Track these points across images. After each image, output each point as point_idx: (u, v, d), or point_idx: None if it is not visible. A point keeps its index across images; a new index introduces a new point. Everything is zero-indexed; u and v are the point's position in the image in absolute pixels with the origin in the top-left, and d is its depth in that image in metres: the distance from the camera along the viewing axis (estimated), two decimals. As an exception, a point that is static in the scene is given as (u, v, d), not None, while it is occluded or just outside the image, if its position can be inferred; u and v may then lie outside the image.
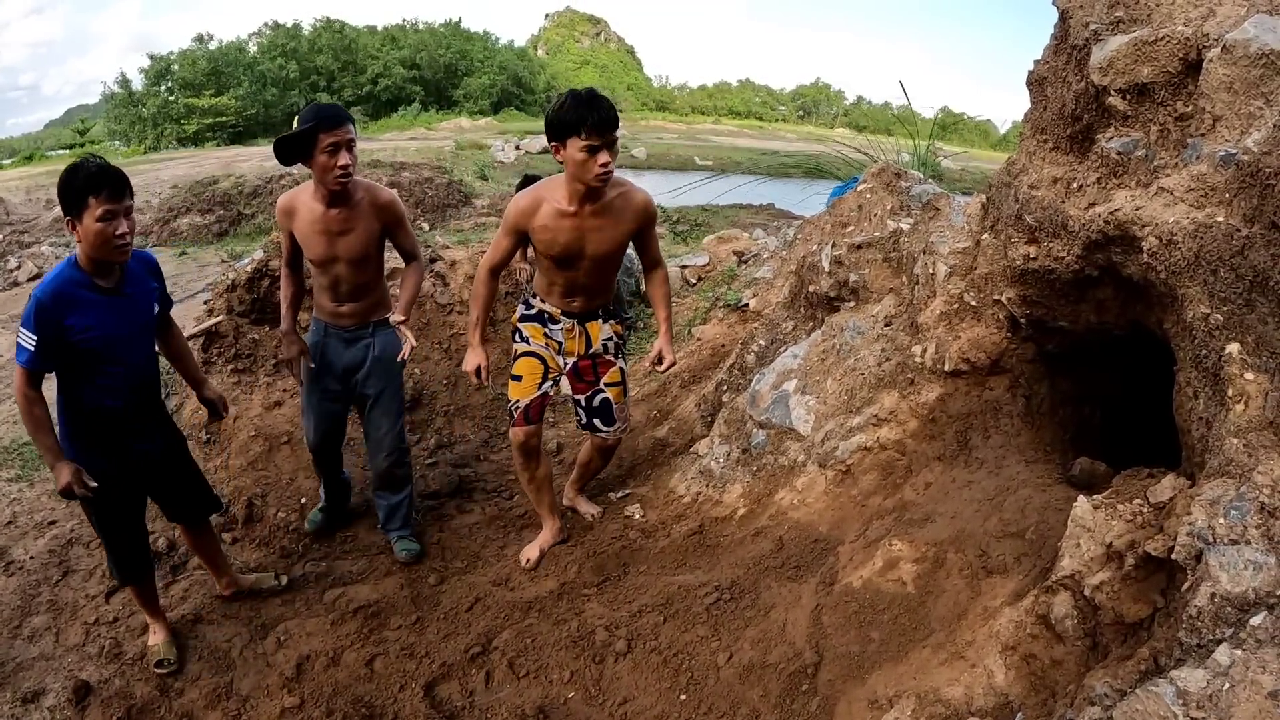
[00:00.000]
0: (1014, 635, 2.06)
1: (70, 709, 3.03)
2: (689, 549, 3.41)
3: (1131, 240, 2.24)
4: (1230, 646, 1.37)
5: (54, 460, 2.75)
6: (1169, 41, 2.23)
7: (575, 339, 3.46)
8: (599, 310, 3.48)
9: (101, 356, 2.79)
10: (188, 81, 40.75)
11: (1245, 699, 1.24)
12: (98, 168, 2.65)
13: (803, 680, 2.56)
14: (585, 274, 3.31)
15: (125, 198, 2.68)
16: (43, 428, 2.74)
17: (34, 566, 3.81)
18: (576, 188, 3.05)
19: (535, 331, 3.48)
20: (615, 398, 3.54)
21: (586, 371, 3.51)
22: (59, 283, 2.69)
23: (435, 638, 3.26)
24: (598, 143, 2.91)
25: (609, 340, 3.51)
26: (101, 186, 2.60)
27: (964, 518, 2.61)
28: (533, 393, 3.44)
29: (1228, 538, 1.61)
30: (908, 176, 3.84)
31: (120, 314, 2.82)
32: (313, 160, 3.14)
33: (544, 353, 3.46)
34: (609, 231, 3.17)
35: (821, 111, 69.78)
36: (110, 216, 2.62)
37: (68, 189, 2.63)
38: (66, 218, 2.69)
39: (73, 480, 2.72)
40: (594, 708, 2.81)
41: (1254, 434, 1.75)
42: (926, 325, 3.11)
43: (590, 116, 2.87)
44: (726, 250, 6.82)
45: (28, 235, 12.14)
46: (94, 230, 2.62)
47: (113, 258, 2.73)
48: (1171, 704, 1.30)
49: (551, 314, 3.45)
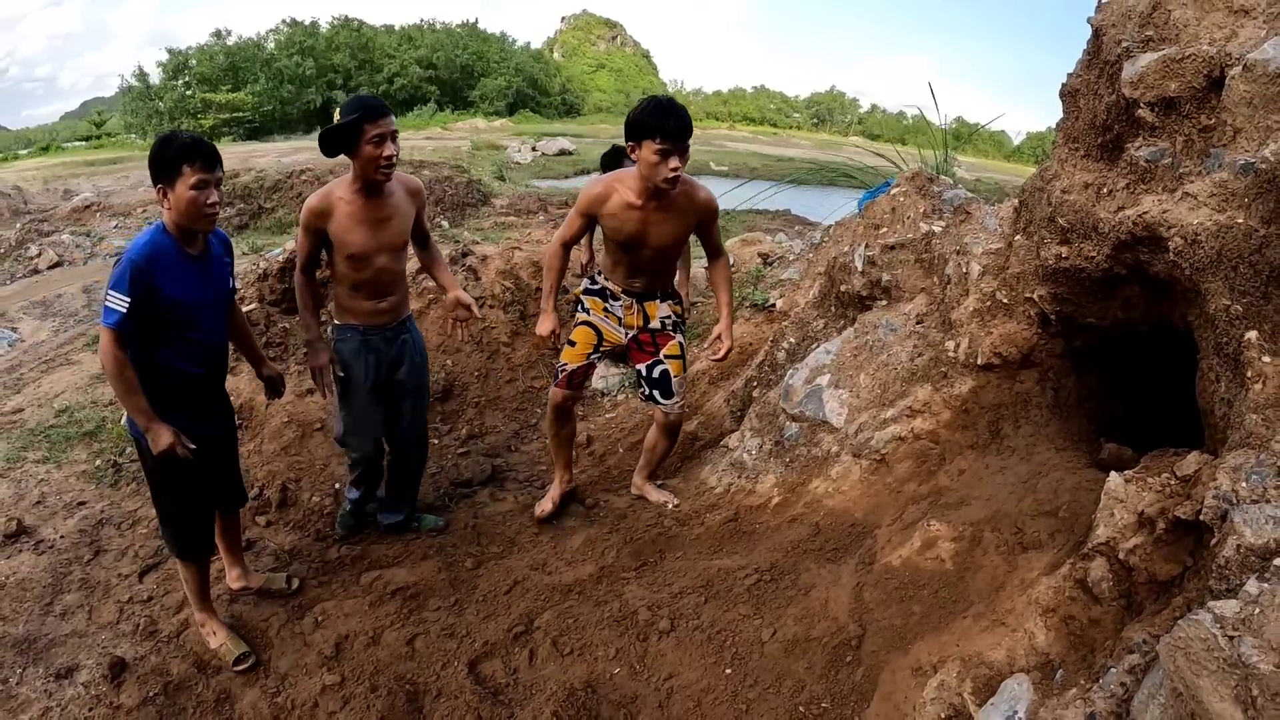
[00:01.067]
0: (1053, 599, 2.37)
1: (105, 685, 3.20)
2: (725, 536, 3.71)
3: (1158, 240, 2.58)
4: (1258, 580, 1.68)
5: (148, 421, 2.93)
6: (1195, 59, 2.56)
7: (634, 315, 3.90)
8: (658, 292, 3.91)
9: (185, 322, 3.00)
10: (205, 76, 41.86)
11: (1274, 619, 1.55)
12: (191, 138, 2.88)
13: (847, 652, 2.85)
14: (647, 260, 3.74)
15: (217, 169, 2.91)
16: (135, 389, 2.89)
17: (64, 546, 4.03)
18: (646, 185, 3.46)
19: (595, 304, 3.94)
20: (675, 370, 3.92)
21: (647, 343, 3.93)
22: (151, 246, 2.88)
23: (475, 618, 3.49)
24: (670, 148, 3.31)
25: (666, 319, 3.93)
26: (195, 156, 2.82)
27: (998, 500, 2.93)
28: (581, 360, 3.92)
29: (1250, 498, 1.93)
30: (940, 181, 4.20)
31: (204, 282, 3.06)
32: (357, 151, 3.34)
33: (601, 324, 3.93)
34: (672, 225, 3.60)
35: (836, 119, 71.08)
36: (202, 185, 2.84)
37: (161, 157, 2.84)
38: (157, 185, 2.88)
39: (175, 440, 2.94)
40: (640, 683, 3.06)
41: (1271, 410, 2.09)
42: (959, 321, 3.45)
43: (667, 123, 3.29)
44: (750, 252, 7.22)
45: (46, 224, 12.46)
46: (186, 198, 2.84)
47: (201, 226, 2.96)
48: (1211, 627, 1.60)
49: (614, 291, 3.90)
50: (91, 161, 22.34)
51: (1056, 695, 2.10)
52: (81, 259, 10.94)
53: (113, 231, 12.27)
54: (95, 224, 12.72)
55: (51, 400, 5.41)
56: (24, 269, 10.61)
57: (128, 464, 4.69)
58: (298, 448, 4.54)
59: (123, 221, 12.89)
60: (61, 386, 5.64)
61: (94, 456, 4.76)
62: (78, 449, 4.82)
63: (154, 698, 3.15)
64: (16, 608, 3.65)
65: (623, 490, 4.34)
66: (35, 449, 4.81)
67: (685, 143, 3.35)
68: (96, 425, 5.03)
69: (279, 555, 3.97)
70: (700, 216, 3.64)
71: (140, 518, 4.26)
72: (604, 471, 4.61)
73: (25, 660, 3.36)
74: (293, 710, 3.13)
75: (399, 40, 51.37)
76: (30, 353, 6.80)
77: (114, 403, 5.21)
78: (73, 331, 7.38)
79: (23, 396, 5.58)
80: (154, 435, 2.94)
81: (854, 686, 2.75)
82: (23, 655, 3.38)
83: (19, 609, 3.64)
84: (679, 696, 2.96)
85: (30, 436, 4.95)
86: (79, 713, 3.10)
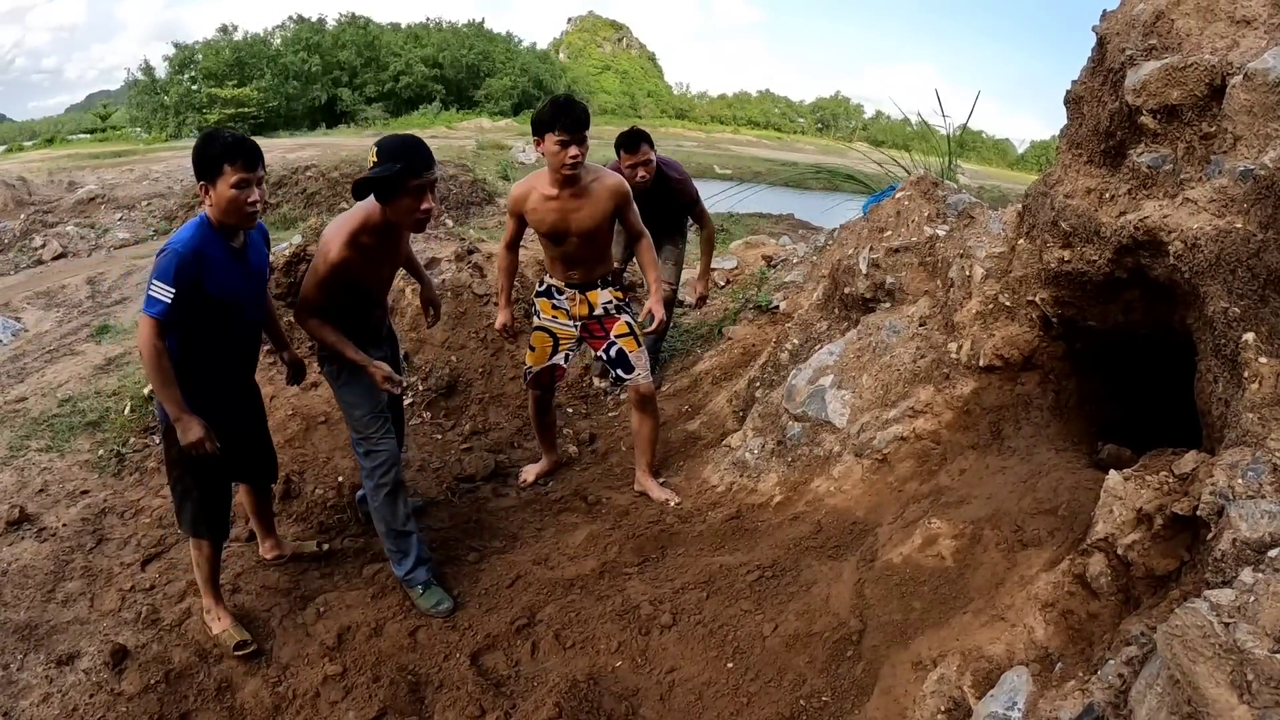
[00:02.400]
0: (1052, 594, 2.43)
1: (106, 671, 3.20)
2: (727, 533, 3.76)
3: (1159, 245, 2.64)
4: (1253, 570, 1.74)
5: (180, 413, 2.98)
6: (1197, 68, 2.62)
7: (579, 304, 4.20)
8: (598, 280, 4.18)
9: (226, 315, 3.06)
10: (211, 71, 42.26)
11: (1269, 606, 1.61)
12: (234, 137, 2.93)
13: (848, 646, 2.90)
14: (576, 249, 4.04)
15: (259, 168, 2.97)
16: (171, 380, 2.94)
17: (67, 534, 4.06)
18: (557, 176, 3.80)
19: (545, 305, 4.27)
20: (628, 346, 4.20)
21: (597, 330, 4.23)
22: (197, 239, 2.94)
23: (478, 611, 3.53)
24: (568, 138, 3.67)
25: (608, 304, 4.21)
26: (237, 155, 2.88)
27: (999, 498, 2.98)
28: (543, 361, 4.29)
29: (1245, 494, 1.98)
30: (945, 186, 4.27)
31: (245, 275, 3.13)
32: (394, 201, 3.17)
33: (553, 326, 4.26)
34: (588, 211, 3.89)
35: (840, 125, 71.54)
36: (244, 185, 2.91)
37: (204, 156, 2.90)
38: (200, 182, 2.94)
39: (205, 436, 3.00)
40: (642, 676, 3.10)
41: (1267, 409, 2.14)
42: (962, 324, 3.51)
43: (563, 117, 3.67)
44: (755, 255, 7.30)
45: (51, 215, 12.53)
46: (228, 196, 2.90)
47: (243, 224, 3.04)
48: (1207, 615, 1.65)
49: (558, 286, 4.21)
50: (96, 154, 22.35)
51: (1055, 687, 2.15)
52: (86, 251, 10.97)
53: (117, 224, 12.31)
54: (99, 216, 12.75)
55: (55, 390, 5.44)
56: (28, 260, 10.65)
57: (130, 454, 4.72)
58: (302, 440, 4.58)
59: (127, 214, 12.92)
60: (65, 376, 5.68)
61: (97, 446, 4.80)
62: (80, 438, 4.85)
63: (155, 685, 3.17)
64: (18, 594, 3.67)
65: (625, 488, 4.38)
66: (38, 438, 4.85)
67: (581, 133, 3.69)
68: (100, 415, 5.06)
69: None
70: (614, 200, 3.92)
71: (143, 507, 4.30)
72: (606, 469, 4.66)
73: (27, 646, 3.38)
74: (294, 699, 3.16)
75: (405, 38, 51.75)
76: (34, 343, 6.86)
77: (117, 393, 5.26)
78: (76, 322, 7.41)
79: (26, 386, 5.62)
80: (184, 426, 2.99)
81: (854, 680, 2.79)
82: (24, 641, 3.40)
83: (21, 596, 3.67)
84: (680, 689, 3.00)
85: (33, 425, 4.99)
86: (79, 699, 3.12)
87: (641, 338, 4.23)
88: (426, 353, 5.39)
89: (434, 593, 3.59)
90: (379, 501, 3.56)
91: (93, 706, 3.09)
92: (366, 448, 3.55)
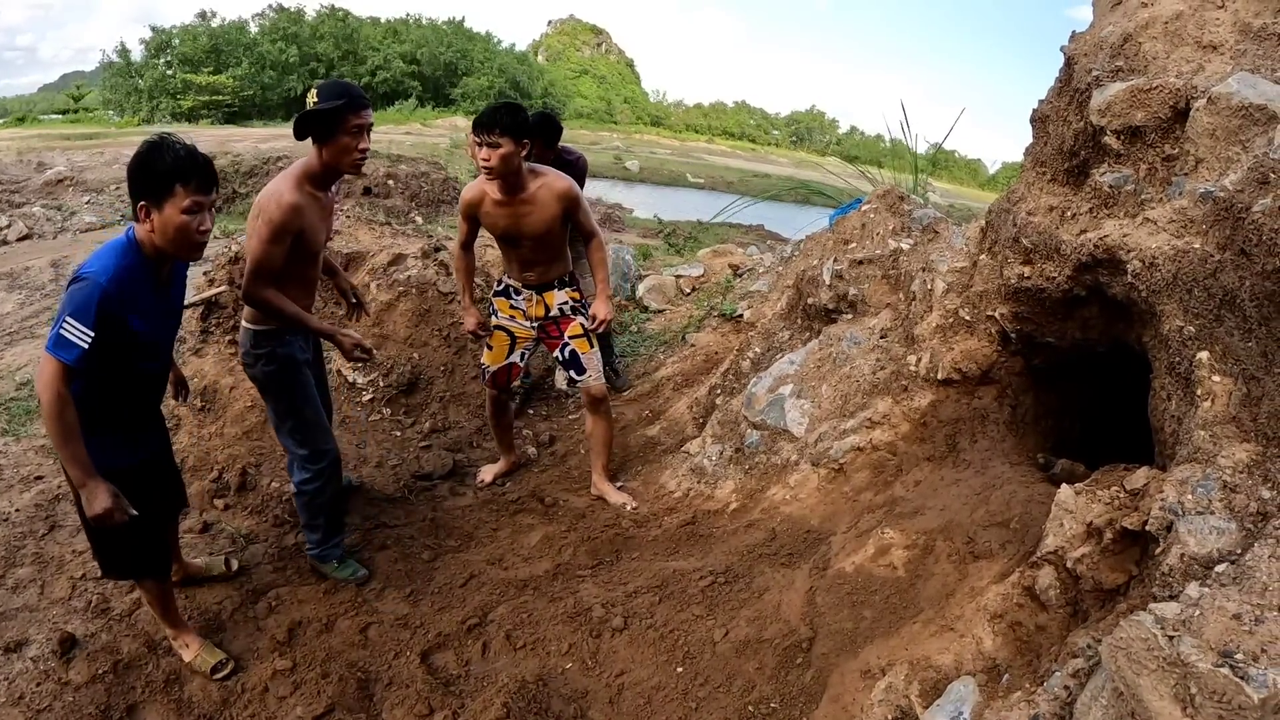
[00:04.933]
0: (1001, 606, 2.40)
1: (54, 660, 3.14)
2: (682, 538, 3.72)
3: (1118, 263, 2.64)
4: (1199, 585, 1.72)
5: (86, 478, 2.50)
6: (1162, 90, 2.63)
7: (536, 305, 4.17)
8: (554, 281, 4.16)
9: (144, 355, 2.68)
10: (187, 57, 41.75)
11: (1213, 620, 1.59)
12: (187, 151, 2.46)
13: (797, 654, 2.87)
14: (530, 251, 4.02)
15: (214, 190, 2.53)
16: (75, 436, 2.45)
17: (19, 520, 3.94)
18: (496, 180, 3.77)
19: (503, 305, 4.23)
20: (581, 348, 4.18)
21: (553, 331, 4.21)
22: (123, 270, 2.47)
23: (430, 610, 3.48)
24: (479, 140, 3.65)
25: (564, 304, 4.18)
26: (191, 174, 2.44)
27: (952, 510, 2.97)
28: (501, 360, 4.26)
29: (1195, 509, 1.97)
30: (910, 200, 4.27)
31: (168, 311, 2.77)
32: (332, 140, 3.13)
33: (510, 325, 4.22)
34: (538, 214, 3.87)
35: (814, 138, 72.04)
36: (197, 209, 2.47)
37: (149, 171, 2.43)
38: (140, 202, 2.46)
39: (115, 506, 2.54)
40: (591, 678, 3.06)
41: (1219, 426, 2.14)
42: (922, 336, 3.49)
43: (477, 122, 3.65)
44: (721, 263, 7.29)
45: (18, 195, 12.28)
46: (176, 223, 2.45)
47: (189, 256, 2.59)
48: (1151, 628, 1.63)
49: (515, 287, 4.19)
50: (68, 135, 21.97)
51: (1002, 698, 2.13)
52: (52, 233, 10.73)
53: (85, 207, 12.07)
54: (67, 198, 12.50)
55: (14, 373, 5.30)
56: (-8, 240, 10.41)
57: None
58: (259, 432, 4.47)
59: (95, 198, 12.67)
60: (24, 359, 5.54)
61: (51, 432, 4.65)
62: (37, 423, 4.70)
63: (103, 675, 3.10)
64: (-32, 579, 3.55)
65: (582, 490, 4.33)
66: (-8, 421, 4.71)
67: (490, 135, 3.60)
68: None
69: (236, 539, 3.91)
70: (564, 204, 3.88)
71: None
72: (564, 471, 4.60)
73: (-26, 632, 3.26)
74: (243, 694, 3.11)
75: (384, 33, 51.58)
76: (-10, 332, 6.65)
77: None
78: (38, 305, 7.23)
79: (-18, 368, 5.46)
80: (90, 494, 2.51)
81: (803, 688, 2.76)
82: (-28, 627, 3.29)
83: (-30, 581, 3.54)
84: (630, 693, 2.96)
85: (-13, 409, 4.83)
86: (26, 687, 3.04)
87: (594, 340, 4.21)
88: (388, 349, 5.29)
89: (349, 564, 3.72)
90: (326, 496, 3.59)
91: (39, 695, 3.02)
92: (312, 449, 3.48)
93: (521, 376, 5.42)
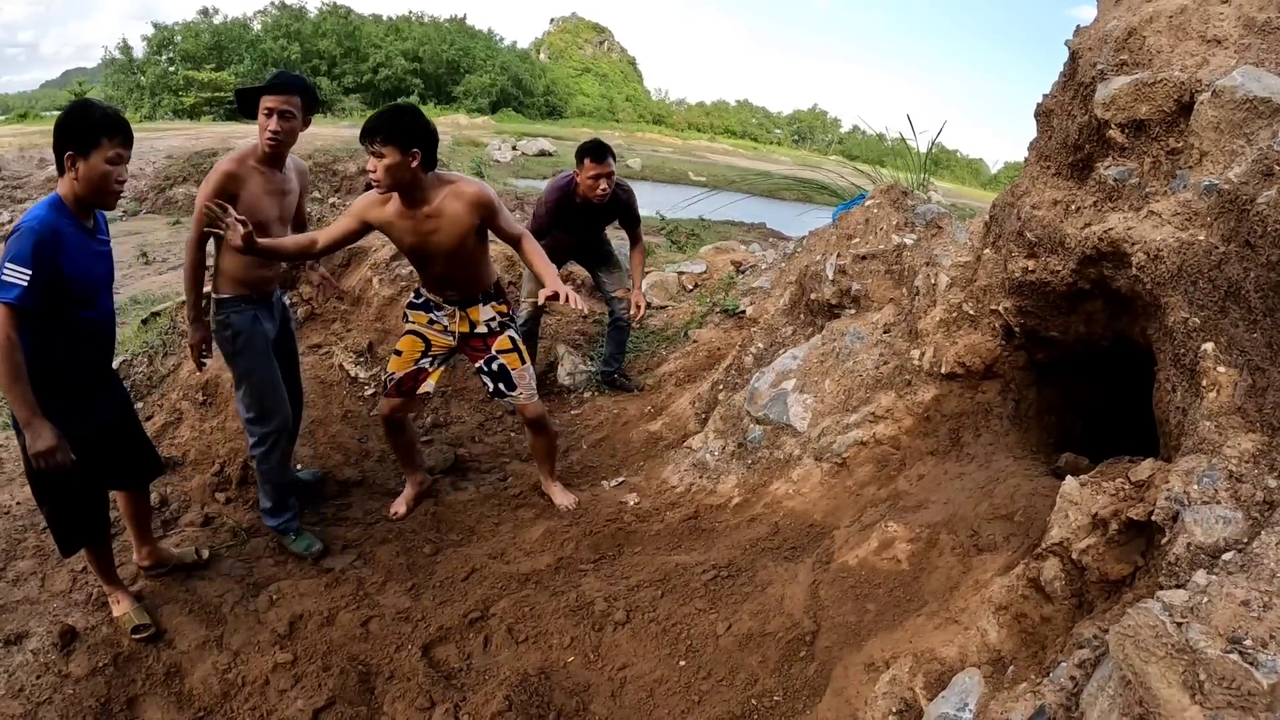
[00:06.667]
0: (1006, 598, 2.40)
1: (55, 653, 3.12)
2: (684, 533, 3.71)
3: (1122, 256, 2.63)
4: (1206, 572, 1.71)
5: (31, 415, 2.67)
6: (1166, 84, 2.63)
7: (458, 321, 3.82)
8: (477, 296, 3.80)
9: (82, 301, 2.84)
10: (189, 54, 41.84)
11: (1222, 607, 1.58)
12: (113, 110, 2.79)
13: (801, 647, 2.86)
14: (443, 267, 3.64)
15: (130, 147, 2.82)
16: (21, 376, 2.63)
17: (21, 513, 3.93)
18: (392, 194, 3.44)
19: (420, 317, 3.87)
20: (510, 363, 3.85)
21: (478, 346, 3.86)
22: (52, 216, 2.71)
23: (431, 604, 3.48)
24: (366, 149, 3.32)
25: (491, 320, 3.83)
26: (116, 130, 2.73)
27: (956, 504, 2.96)
28: (409, 366, 3.87)
29: (1201, 499, 1.97)
30: (914, 195, 4.27)
31: (98, 258, 2.92)
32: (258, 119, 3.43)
33: (426, 331, 3.86)
34: (447, 229, 3.47)
35: (816, 138, 71.68)
36: (118, 161, 2.75)
37: (78, 125, 2.70)
38: (68, 153, 2.71)
39: (57, 445, 2.70)
40: (594, 671, 3.06)
41: (1224, 417, 2.13)
42: (926, 331, 3.49)
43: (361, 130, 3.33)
44: (723, 260, 7.29)
45: (20, 191, 12.33)
46: (100, 171, 2.72)
47: (106, 203, 2.85)
48: (1160, 615, 1.62)
49: (436, 302, 3.83)
50: (70, 132, 21.88)
51: (1007, 689, 2.12)
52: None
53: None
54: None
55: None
56: (-7, 233, 10.42)
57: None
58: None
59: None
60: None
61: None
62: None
63: (103, 668, 3.09)
64: (-31, 572, 3.54)
65: (584, 485, 4.32)
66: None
67: (372, 143, 3.28)
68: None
69: (237, 533, 3.90)
70: (478, 213, 3.48)
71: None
72: (567, 467, 4.58)
73: (-25, 625, 3.26)
74: (243, 686, 3.11)
75: (386, 31, 51.41)
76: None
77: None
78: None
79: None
80: (34, 432, 2.68)
81: (807, 681, 2.75)
82: (-28, 620, 3.28)
83: (-29, 574, 3.53)
84: (632, 686, 2.96)
85: (-14, 401, 4.81)
86: (26, 679, 3.03)
87: (527, 355, 3.93)
88: (390, 344, 5.29)
89: (305, 538, 3.84)
90: (273, 463, 3.75)
91: (39, 688, 3.01)
92: (260, 411, 3.66)
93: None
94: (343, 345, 5.29)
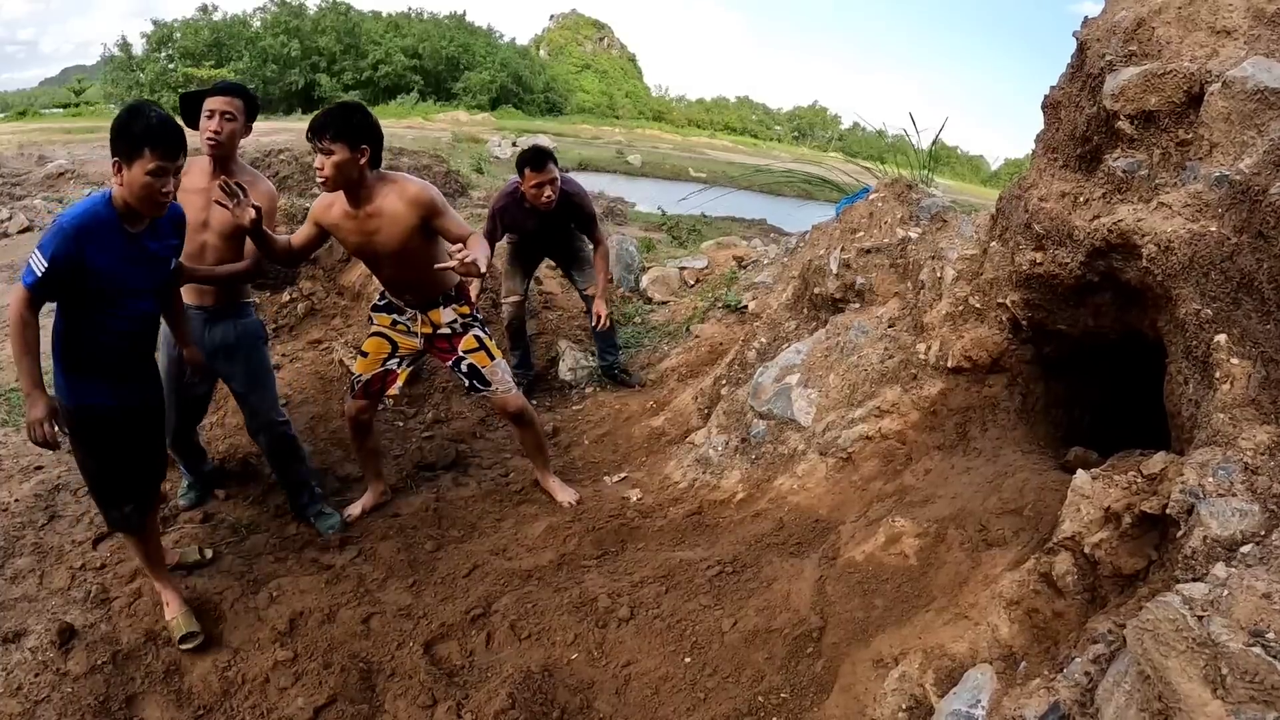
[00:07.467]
0: (1017, 593, 2.37)
1: (53, 651, 3.08)
2: (688, 529, 3.69)
3: (1132, 248, 2.61)
4: (1226, 565, 1.69)
5: (32, 388, 2.75)
6: (1176, 75, 2.61)
7: (422, 324, 3.78)
8: (438, 298, 3.75)
9: (110, 301, 2.82)
10: (188, 51, 41.88)
11: (1243, 600, 1.55)
12: (159, 119, 2.68)
13: (807, 644, 2.84)
14: (393, 269, 3.61)
15: (179, 157, 2.73)
16: (30, 352, 2.73)
17: (19, 510, 3.89)
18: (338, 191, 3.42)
19: (384, 319, 3.83)
20: (479, 362, 3.82)
21: (444, 347, 3.83)
22: (88, 216, 2.72)
23: (433, 600, 3.44)
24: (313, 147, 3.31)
25: (453, 323, 3.79)
26: (160, 141, 2.64)
27: (964, 498, 2.94)
28: (375, 368, 3.84)
29: (1216, 492, 1.94)
30: (918, 189, 4.24)
31: (138, 263, 2.87)
32: None
33: (391, 333, 3.82)
34: (388, 229, 3.44)
35: (816, 135, 71.57)
36: (161, 173, 2.67)
37: (125, 132, 2.66)
38: (114, 159, 2.69)
39: (45, 417, 2.74)
40: (598, 669, 3.03)
41: (1238, 409, 2.11)
42: (931, 325, 3.47)
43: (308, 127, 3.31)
44: (725, 256, 7.28)
45: (20, 188, 12.22)
46: (141, 182, 2.67)
47: (151, 213, 2.79)
48: (1180, 609, 1.60)
49: (399, 305, 3.80)
50: (69, 129, 21.80)
51: (1020, 685, 2.09)
52: (53, 226, 10.74)
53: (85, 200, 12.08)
54: (68, 191, 12.41)
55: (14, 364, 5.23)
56: (-6, 232, 10.35)
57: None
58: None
59: (96, 190, 12.66)
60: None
61: (52, 422, 4.61)
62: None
63: (102, 666, 3.05)
64: (-33, 570, 3.50)
65: (586, 481, 4.30)
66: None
67: (321, 140, 3.25)
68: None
69: (237, 529, 3.87)
70: (419, 213, 3.43)
71: (96, 485, 4.13)
72: (568, 462, 4.57)
73: (-28, 623, 3.22)
74: (243, 684, 3.07)
75: (385, 27, 51.32)
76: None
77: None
78: (37, 298, 7.16)
79: (-18, 359, 5.40)
80: (31, 402, 2.76)
81: (814, 677, 2.73)
82: (-30, 617, 3.24)
83: (-31, 571, 3.50)
84: (636, 683, 2.93)
85: (-11, 399, 4.79)
86: (24, 678, 2.98)
87: (496, 350, 3.90)
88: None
89: (330, 516, 3.94)
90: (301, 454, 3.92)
91: (38, 686, 2.97)
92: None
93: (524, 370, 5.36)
94: (342, 341, 5.26)
